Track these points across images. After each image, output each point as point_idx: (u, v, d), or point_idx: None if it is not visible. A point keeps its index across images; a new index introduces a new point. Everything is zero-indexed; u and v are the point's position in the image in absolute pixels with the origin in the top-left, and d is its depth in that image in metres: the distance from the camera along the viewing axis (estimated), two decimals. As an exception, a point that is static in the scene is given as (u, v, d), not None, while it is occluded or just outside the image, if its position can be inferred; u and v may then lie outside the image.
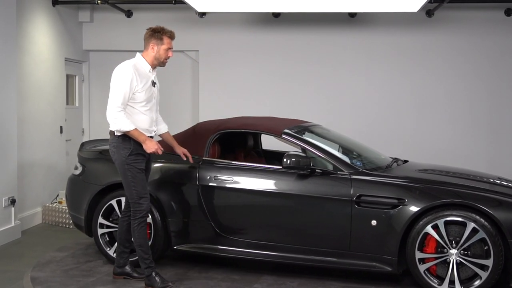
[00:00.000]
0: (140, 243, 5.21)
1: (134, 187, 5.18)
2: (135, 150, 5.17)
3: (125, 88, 5.05)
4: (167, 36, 5.24)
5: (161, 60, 5.25)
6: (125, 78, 5.06)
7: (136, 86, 5.09)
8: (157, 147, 5.16)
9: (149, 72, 5.23)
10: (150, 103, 5.25)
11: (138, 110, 5.18)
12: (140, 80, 5.12)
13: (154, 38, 5.22)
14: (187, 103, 9.60)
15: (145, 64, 5.22)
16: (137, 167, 5.18)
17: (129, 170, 5.17)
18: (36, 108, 7.95)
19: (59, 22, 8.67)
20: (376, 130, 8.86)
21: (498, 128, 8.81)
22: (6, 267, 6.04)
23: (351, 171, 5.42)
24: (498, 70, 8.79)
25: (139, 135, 5.11)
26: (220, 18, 9.14)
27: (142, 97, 5.15)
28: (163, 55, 5.24)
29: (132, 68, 5.11)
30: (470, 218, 4.99)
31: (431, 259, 5.10)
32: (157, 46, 5.21)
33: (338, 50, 9.06)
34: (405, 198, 5.16)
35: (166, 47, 5.23)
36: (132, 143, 5.15)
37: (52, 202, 8.27)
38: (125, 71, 5.10)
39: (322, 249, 5.40)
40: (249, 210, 5.62)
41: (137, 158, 5.19)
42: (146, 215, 5.24)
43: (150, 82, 5.23)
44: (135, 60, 5.23)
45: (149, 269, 5.24)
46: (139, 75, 5.13)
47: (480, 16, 8.78)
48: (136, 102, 5.15)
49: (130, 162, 5.16)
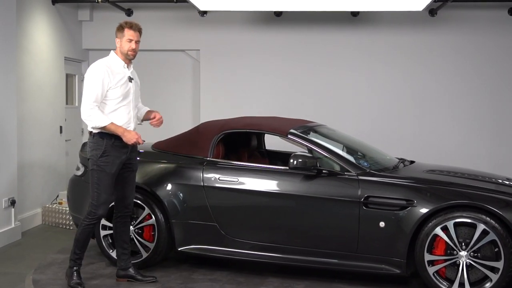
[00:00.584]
0: (78, 238, 5.17)
1: (97, 190, 5.11)
2: (108, 152, 5.08)
3: (97, 87, 5.02)
4: (127, 27, 5.15)
5: (125, 52, 5.15)
6: (96, 76, 5.04)
7: (109, 83, 5.05)
8: (137, 136, 5.07)
9: (123, 68, 5.17)
10: (126, 100, 5.17)
11: (114, 107, 5.11)
12: (113, 77, 5.07)
13: (118, 32, 5.18)
14: (187, 102, 9.50)
15: (118, 60, 5.17)
16: (106, 170, 5.08)
17: (97, 172, 5.10)
18: (36, 108, 7.85)
19: (59, 20, 8.58)
20: (378, 130, 8.79)
21: (501, 128, 8.75)
22: (7, 269, 5.95)
23: (358, 172, 5.35)
24: (501, 69, 8.73)
25: (116, 128, 5.04)
26: (222, 17, 9.05)
27: (117, 93, 5.09)
28: (125, 47, 5.14)
29: (103, 66, 5.09)
30: (480, 219, 4.92)
31: (440, 261, 5.02)
32: (120, 40, 5.16)
33: (340, 50, 8.99)
34: (414, 199, 5.08)
35: (126, 38, 5.13)
36: (105, 145, 5.08)
37: (52, 203, 8.17)
38: (95, 70, 5.09)
39: (328, 251, 5.32)
40: (255, 211, 5.54)
41: (109, 160, 5.09)
42: (98, 220, 5.19)
43: (125, 78, 5.16)
44: (108, 58, 5.21)
45: (73, 263, 5.21)
46: (112, 72, 5.09)
47: (483, 15, 8.72)
48: (111, 99, 5.09)
49: (100, 163, 5.08)
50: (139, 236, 5.75)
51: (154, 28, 9.23)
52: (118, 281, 5.43)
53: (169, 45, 9.31)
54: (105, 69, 5.07)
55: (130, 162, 5.27)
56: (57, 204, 8.04)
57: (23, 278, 5.63)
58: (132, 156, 5.28)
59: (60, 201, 8.00)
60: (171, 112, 9.39)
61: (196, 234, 5.65)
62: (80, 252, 5.25)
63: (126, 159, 5.20)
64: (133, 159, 5.32)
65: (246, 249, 5.53)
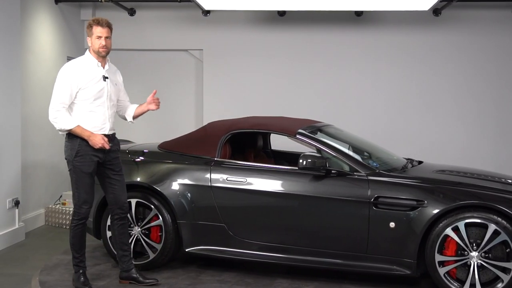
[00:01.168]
0: (73, 242, 5.18)
1: (77, 191, 5.09)
2: (82, 151, 5.03)
3: (65, 88, 4.97)
4: (95, 24, 5.07)
5: (96, 50, 5.08)
6: (63, 77, 5.00)
7: (78, 83, 4.98)
8: (103, 141, 5.00)
9: (97, 66, 5.10)
10: (100, 99, 5.09)
11: (87, 108, 5.04)
12: (83, 77, 5.00)
13: (88, 30, 5.12)
14: (190, 102, 9.45)
15: (91, 59, 5.11)
16: (82, 170, 5.04)
17: (74, 172, 5.07)
18: (38, 108, 7.78)
19: (61, 20, 8.52)
20: (382, 129, 8.76)
21: (505, 128, 8.73)
22: (12, 270, 5.89)
23: (367, 172, 5.31)
24: (505, 69, 8.71)
25: (82, 132, 4.99)
26: (225, 16, 9.01)
27: (89, 94, 5.02)
28: (95, 45, 5.07)
29: (73, 66, 5.04)
30: (491, 220, 4.89)
31: (451, 262, 5.00)
32: (90, 38, 5.11)
33: (344, 49, 8.96)
34: (424, 200, 5.05)
35: (95, 35, 5.06)
36: (78, 144, 5.03)
37: (55, 204, 8.11)
38: (63, 71, 5.05)
39: (338, 252, 5.29)
40: (263, 212, 5.50)
41: (84, 160, 5.04)
42: (84, 220, 5.15)
43: (98, 77, 5.08)
44: (82, 57, 5.16)
45: (77, 267, 5.22)
46: (83, 72, 5.02)
47: (487, 15, 8.70)
48: (83, 99, 5.02)
49: (76, 163, 5.04)
50: (146, 237, 5.71)
51: (157, 28, 9.20)
52: (121, 283, 5.39)
53: (172, 44, 9.26)
54: (74, 69, 5.02)
55: (110, 162, 5.19)
56: (60, 205, 7.98)
57: (29, 279, 5.58)
58: (111, 157, 5.20)
59: (64, 201, 7.94)
60: (174, 112, 9.37)
61: (204, 235, 5.61)
62: (80, 255, 5.22)
63: (104, 158, 5.13)
64: (114, 159, 5.23)
65: (254, 250, 5.50)
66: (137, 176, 5.80)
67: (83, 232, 5.25)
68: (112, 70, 5.30)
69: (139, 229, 5.73)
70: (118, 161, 5.31)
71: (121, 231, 5.34)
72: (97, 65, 5.12)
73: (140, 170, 5.86)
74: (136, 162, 5.92)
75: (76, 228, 5.18)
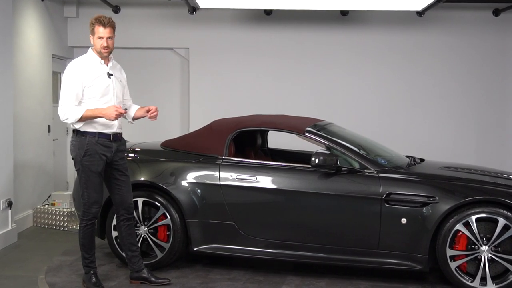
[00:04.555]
0: (83, 242, 5.12)
1: (86, 191, 5.04)
2: (91, 150, 4.98)
3: (70, 89, 4.93)
4: (97, 24, 5.02)
5: (98, 50, 5.05)
6: (68, 78, 4.97)
7: (84, 81, 4.94)
8: (116, 108, 4.92)
9: (100, 64, 5.06)
10: (107, 96, 5.05)
11: (95, 105, 4.98)
12: (88, 75, 4.97)
13: (90, 29, 5.08)
14: (176, 101, 9.39)
15: (94, 57, 5.07)
16: (92, 169, 4.99)
17: (83, 172, 5.01)
18: (27, 107, 7.62)
19: (47, 17, 8.35)
20: (368, 127, 8.84)
21: (488, 125, 8.97)
22: (15, 272, 5.75)
23: (377, 169, 5.40)
24: (486, 68, 8.95)
25: (93, 112, 4.92)
26: (211, 15, 8.98)
27: (95, 91, 4.98)
28: (97, 45, 5.03)
29: (78, 65, 5.01)
30: (501, 214, 5.04)
31: (461, 257, 5.12)
32: (92, 37, 5.06)
33: (330, 48, 9.05)
34: (435, 196, 5.15)
35: (97, 36, 5.02)
36: (87, 143, 4.97)
37: (43, 204, 7.94)
38: (68, 71, 5.02)
39: (350, 248, 5.35)
40: (274, 209, 5.52)
41: (93, 159, 4.99)
42: (94, 220, 5.12)
43: (103, 74, 5.05)
44: (85, 55, 5.12)
45: (88, 268, 5.17)
46: (88, 69, 4.99)
47: (469, 16, 8.92)
48: (89, 97, 4.98)
49: (85, 163, 4.99)
50: (153, 236, 5.66)
51: (142, 26, 9.10)
52: (132, 283, 5.33)
53: (157, 43, 9.18)
54: (79, 67, 4.97)
55: (117, 163, 5.14)
56: (49, 205, 7.82)
57: (34, 281, 5.45)
58: (118, 157, 5.14)
59: (53, 202, 7.78)
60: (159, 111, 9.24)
61: (213, 233, 5.59)
62: (90, 256, 5.16)
63: (112, 158, 5.08)
64: (121, 159, 5.18)
65: (265, 247, 5.52)
66: (142, 175, 5.74)
67: (93, 232, 5.18)
68: (117, 67, 5.25)
69: (146, 228, 5.67)
70: (125, 162, 5.26)
71: (129, 231, 5.28)
72: (100, 63, 5.07)
73: (145, 169, 5.80)
74: (140, 161, 5.85)
75: (86, 228, 5.11)
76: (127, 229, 5.29)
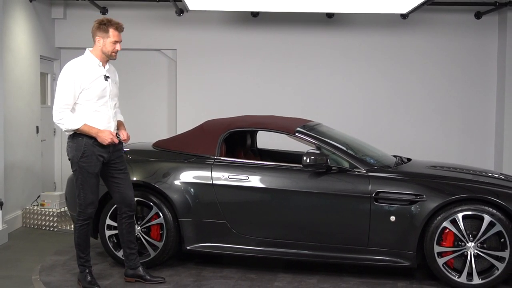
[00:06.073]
0: (78, 242, 5.17)
1: (82, 191, 5.09)
2: (88, 151, 5.02)
3: (68, 89, 4.94)
4: (113, 28, 5.06)
5: (108, 54, 5.08)
6: (68, 78, 4.96)
7: (82, 84, 4.96)
8: (112, 136, 5.01)
9: (98, 66, 5.08)
10: (103, 99, 5.08)
11: (91, 108, 5.02)
12: (86, 77, 4.98)
13: (100, 31, 5.05)
14: (163, 103, 9.46)
15: (93, 58, 5.07)
16: (89, 170, 5.04)
17: (80, 173, 5.06)
18: (16, 107, 7.64)
19: (35, 18, 8.37)
20: (354, 127, 8.97)
21: (470, 125, 9.16)
22: (8, 272, 5.79)
23: (367, 168, 5.53)
24: (468, 70, 9.15)
25: (89, 129, 4.97)
26: (198, 16, 9.06)
27: (92, 94, 5.00)
28: (109, 49, 5.06)
29: (75, 66, 5.00)
30: (487, 212, 5.19)
31: (449, 253, 5.27)
32: (103, 39, 5.05)
33: (317, 49, 9.18)
34: (423, 194, 5.30)
35: (112, 40, 5.06)
36: (84, 144, 5.01)
37: (33, 205, 7.96)
38: (67, 71, 5.00)
39: (340, 246, 5.47)
40: (265, 208, 5.62)
41: (90, 160, 5.04)
42: (89, 220, 5.17)
43: (101, 77, 5.07)
44: (82, 57, 5.11)
45: (83, 267, 5.22)
46: (85, 71, 5.00)
47: (451, 18, 9.12)
48: (86, 100, 5.00)
49: (82, 164, 5.03)
50: (146, 235, 5.73)
51: (130, 27, 8.91)
52: (127, 280, 5.40)
53: (144, 44, 9.24)
54: (77, 69, 4.97)
55: (114, 161, 5.19)
56: (38, 206, 7.85)
57: (28, 281, 5.50)
58: (115, 156, 5.20)
59: (42, 202, 7.80)
60: (146, 112, 9.37)
61: (205, 232, 5.68)
62: (85, 255, 5.22)
63: (108, 158, 5.13)
64: (118, 158, 5.23)
65: (256, 245, 5.62)
66: (135, 175, 5.79)
67: (88, 232, 5.24)
68: (111, 69, 5.28)
69: (139, 227, 5.74)
70: (123, 160, 5.31)
71: (129, 229, 5.35)
72: (99, 65, 5.09)
73: (138, 169, 5.86)
74: (132, 161, 5.90)
75: (81, 228, 5.17)
76: (128, 227, 5.34)
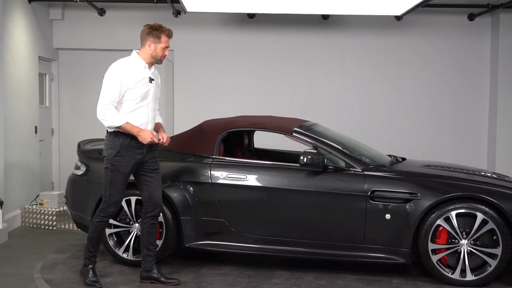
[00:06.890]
0: (91, 236, 5.29)
1: (109, 189, 5.20)
2: (122, 151, 5.15)
3: (114, 87, 5.07)
4: (165, 34, 5.25)
5: (158, 58, 5.26)
6: (114, 76, 5.10)
7: (128, 83, 5.10)
8: (152, 135, 5.14)
9: (144, 68, 5.21)
10: (145, 100, 5.22)
11: (133, 108, 5.16)
12: (132, 77, 5.12)
13: (152, 36, 5.21)
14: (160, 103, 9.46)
15: (140, 61, 5.21)
16: (120, 170, 5.16)
17: (111, 171, 5.18)
18: (15, 108, 7.71)
19: (34, 19, 8.45)
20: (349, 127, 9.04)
21: (462, 125, 9.29)
22: (9, 270, 5.87)
23: (362, 167, 5.65)
24: (462, 70, 9.26)
25: (131, 128, 5.11)
26: (195, 18, 9.15)
27: (136, 94, 5.15)
28: (160, 54, 5.24)
29: (123, 66, 5.14)
30: (480, 210, 5.32)
31: (442, 250, 5.40)
32: (154, 44, 5.21)
33: (312, 51, 9.29)
34: (417, 193, 5.42)
35: (163, 45, 5.24)
36: (120, 144, 5.14)
37: (32, 204, 8.04)
38: (114, 70, 5.14)
39: (336, 243, 5.59)
40: (263, 207, 5.74)
41: (123, 160, 5.16)
42: (109, 218, 5.32)
43: (146, 78, 5.21)
44: (129, 58, 5.24)
45: (88, 261, 5.33)
46: (132, 72, 5.14)
47: (445, 20, 9.24)
48: (129, 99, 5.14)
49: (115, 163, 5.16)
50: (146, 233, 5.82)
51: (127, 28, 9.21)
52: (142, 283, 5.41)
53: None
54: (125, 69, 5.12)
55: (148, 161, 5.29)
56: (37, 205, 7.93)
57: (30, 278, 5.58)
58: (149, 157, 5.30)
59: (41, 201, 7.89)
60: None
61: (204, 230, 5.79)
62: (94, 250, 5.32)
63: (141, 160, 5.24)
64: (151, 159, 5.33)
65: (254, 243, 5.73)
66: (135, 175, 5.89)
67: (104, 229, 5.41)
68: (155, 73, 5.39)
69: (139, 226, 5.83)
70: (156, 160, 5.40)
71: (150, 230, 5.39)
72: (145, 67, 5.22)
73: (137, 168, 5.95)
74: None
75: (99, 224, 5.28)
76: (150, 228, 5.39)
